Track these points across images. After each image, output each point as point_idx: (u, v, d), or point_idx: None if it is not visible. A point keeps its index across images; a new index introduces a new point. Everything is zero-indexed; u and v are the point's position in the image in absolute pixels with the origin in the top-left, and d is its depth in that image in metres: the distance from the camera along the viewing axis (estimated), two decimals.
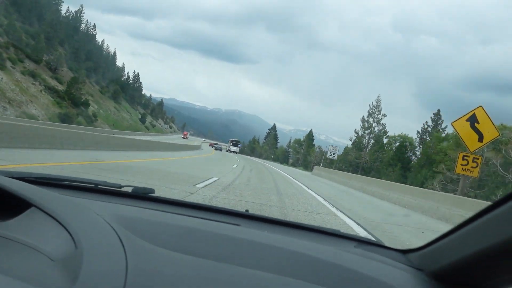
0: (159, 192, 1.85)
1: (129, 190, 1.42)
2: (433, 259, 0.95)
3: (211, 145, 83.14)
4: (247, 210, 1.55)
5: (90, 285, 0.58)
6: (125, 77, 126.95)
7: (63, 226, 0.79)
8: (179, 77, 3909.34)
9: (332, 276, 0.86)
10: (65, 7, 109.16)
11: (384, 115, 61.64)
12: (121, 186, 1.43)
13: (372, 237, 4.70)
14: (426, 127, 62.45)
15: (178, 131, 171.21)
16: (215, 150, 64.91)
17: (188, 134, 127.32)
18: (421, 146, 60.61)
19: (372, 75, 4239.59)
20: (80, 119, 48.34)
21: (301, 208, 7.44)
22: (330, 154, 37.46)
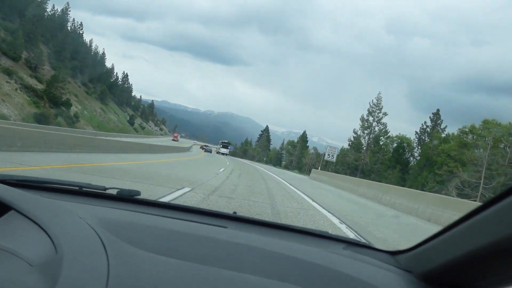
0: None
1: (114, 192, 1.38)
2: (422, 260, 0.94)
3: (201, 147, 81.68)
4: (235, 212, 1.49)
5: None
6: (114, 78, 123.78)
7: (44, 230, 0.76)
8: (172, 80, 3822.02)
9: (319, 278, 0.85)
10: (51, 5, 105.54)
11: (385, 114, 57.51)
12: (105, 188, 1.39)
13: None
14: (425, 127, 59.48)
15: (169, 134, 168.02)
16: (204, 152, 63.45)
17: (179, 136, 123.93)
18: (419, 147, 58.14)
19: (365, 77, 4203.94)
20: (59, 120, 45.19)
21: None
22: (328, 156, 33.60)
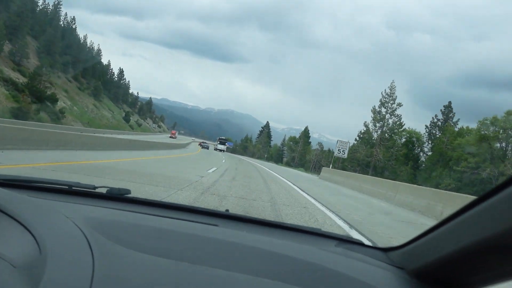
0: None
1: (103, 191, 1.35)
2: (414, 257, 0.93)
3: (200, 144, 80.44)
4: (227, 210, 1.47)
5: None
6: (111, 75, 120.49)
7: (28, 231, 0.75)
8: (171, 77, 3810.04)
9: (311, 276, 0.84)
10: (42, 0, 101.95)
11: (399, 105, 51.52)
12: (95, 187, 1.37)
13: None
14: (436, 121, 55.37)
15: (167, 131, 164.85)
16: (201, 148, 63.20)
17: (177, 133, 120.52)
18: (430, 142, 54.24)
19: (365, 73, 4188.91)
20: (42, 116, 41.72)
21: None
22: (338, 152, 28.11)
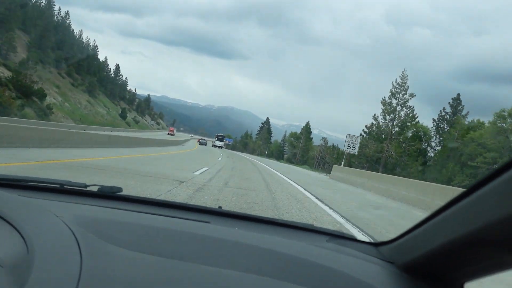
0: None
1: (95, 189, 1.35)
2: (403, 251, 0.94)
3: (198, 141, 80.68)
4: (220, 207, 1.46)
5: None
6: (108, 72, 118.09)
7: (17, 230, 0.74)
8: (171, 75, 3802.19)
9: (301, 271, 0.84)
10: None
11: (412, 95, 46.76)
12: (86, 186, 1.35)
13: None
14: (443, 114, 52.75)
15: (166, 128, 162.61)
16: (199, 145, 63.65)
17: (175, 130, 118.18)
18: (438, 136, 51.40)
19: (365, 68, 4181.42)
20: (27, 112, 39.17)
21: None
22: (348, 147, 24.24)
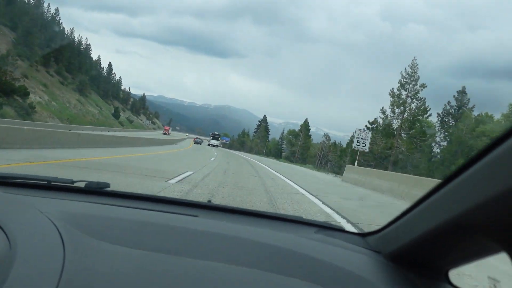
0: None
1: (82, 185, 1.35)
2: (389, 241, 0.95)
3: (194, 140, 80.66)
4: (210, 201, 1.46)
5: None
6: (100, 71, 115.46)
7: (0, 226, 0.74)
8: (167, 74, 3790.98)
9: (289, 263, 0.84)
10: None
11: (423, 86, 41.84)
12: (73, 182, 1.35)
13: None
14: (448, 108, 50.25)
15: (162, 128, 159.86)
16: (194, 144, 64.95)
17: (170, 130, 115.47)
18: (443, 131, 48.83)
19: (361, 65, 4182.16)
20: (6, 110, 36.54)
21: None
22: (358, 144, 20.99)
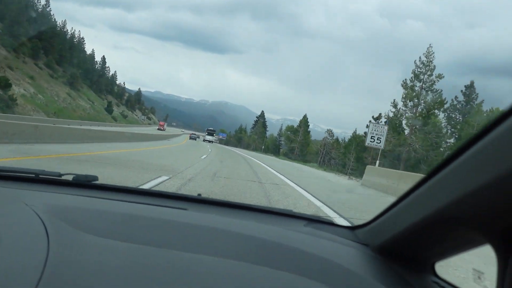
0: None
1: (70, 178, 1.33)
2: (377, 234, 0.96)
3: (190, 136, 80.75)
4: (200, 194, 1.46)
5: None
6: (95, 65, 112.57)
7: None
8: (164, 70, 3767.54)
9: (278, 256, 0.84)
10: None
11: (440, 77, 36.34)
12: (61, 175, 1.33)
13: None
14: (455, 103, 48.04)
15: (158, 123, 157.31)
16: (189, 139, 64.53)
17: (166, 125, 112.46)
18: (450, 127, 46.29)
19: (359, 62, 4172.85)
20: None
21: None
22: (372, 140, 17.41)
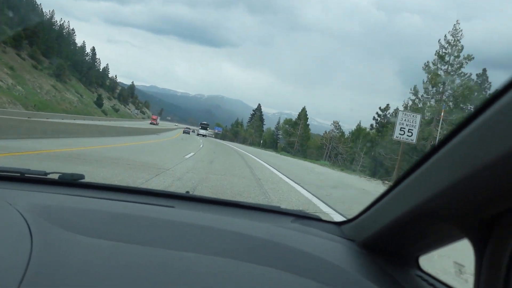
0: None
1: (55, 177, 1.32)
2: (362, 229, 0.98)
3: (184, 130, 79.93)
4: (188, 192, 1.46)
5: None
6: (86, 57, 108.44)
7: None
8: (160, 64, 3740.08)
9: (265, 252, 0.84)
10: None
11: (469, 58, 29.89)
12: (46, 173, 1.31)
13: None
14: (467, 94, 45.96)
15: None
16: (183, 133, 63.75)
17: (159, 119, 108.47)
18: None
19: (356, 56, 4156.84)
20: None
21: None
22: (402, 133, 14.10)
